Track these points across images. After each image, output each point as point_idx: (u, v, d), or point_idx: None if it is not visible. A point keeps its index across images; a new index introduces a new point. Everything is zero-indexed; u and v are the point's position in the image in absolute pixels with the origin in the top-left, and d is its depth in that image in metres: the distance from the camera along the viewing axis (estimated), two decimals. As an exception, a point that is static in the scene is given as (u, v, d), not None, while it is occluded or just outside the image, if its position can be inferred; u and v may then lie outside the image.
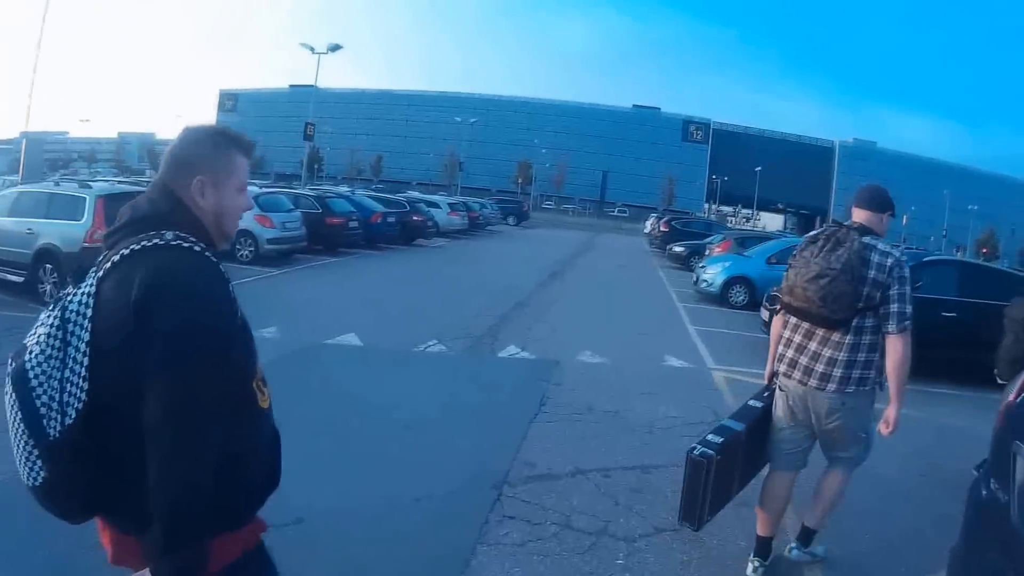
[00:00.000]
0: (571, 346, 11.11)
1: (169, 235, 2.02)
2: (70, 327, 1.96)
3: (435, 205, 35.80)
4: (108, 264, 2.02)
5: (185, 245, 2.02)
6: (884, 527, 5.92)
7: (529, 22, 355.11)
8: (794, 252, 4.84)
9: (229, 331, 2.07)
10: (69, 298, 2.00)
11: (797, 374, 4.69)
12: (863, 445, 4.87)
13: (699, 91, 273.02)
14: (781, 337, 4.91)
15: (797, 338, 4.75)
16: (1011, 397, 3.80)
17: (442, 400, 8.22)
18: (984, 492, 3.66)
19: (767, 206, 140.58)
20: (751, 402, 5.19)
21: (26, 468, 1.94)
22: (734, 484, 5.05)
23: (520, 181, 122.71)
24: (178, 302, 1.92)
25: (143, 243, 2.00)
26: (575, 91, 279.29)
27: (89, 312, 1.97)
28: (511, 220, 59.33)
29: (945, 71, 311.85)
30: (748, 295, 19.10)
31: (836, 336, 4.55)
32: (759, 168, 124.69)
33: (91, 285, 2.01)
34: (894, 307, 4.49)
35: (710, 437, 4.79)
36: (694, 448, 4.71)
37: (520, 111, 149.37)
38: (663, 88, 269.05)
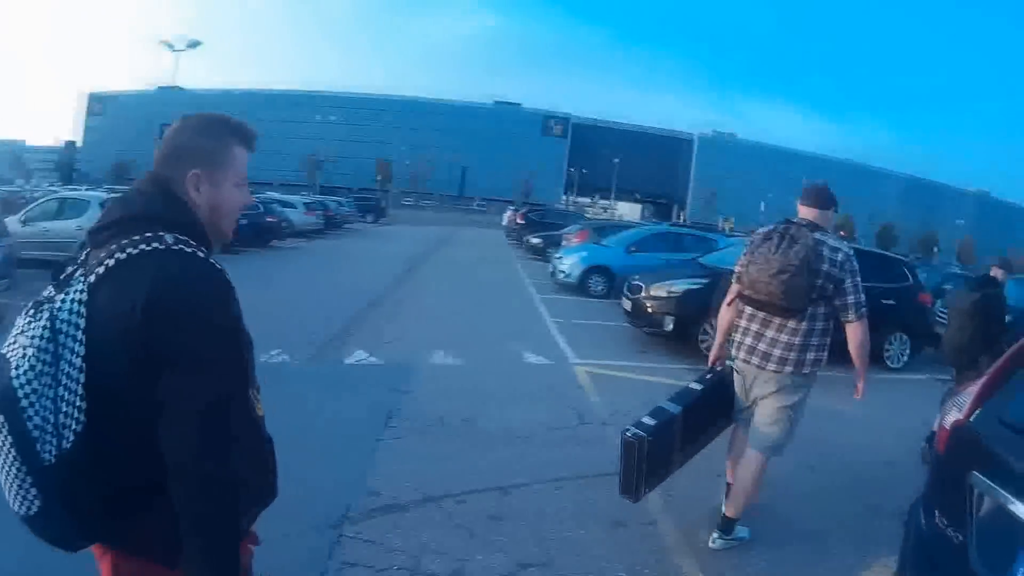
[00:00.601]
0: (423, 348, 10.34)
1: (169, 238, 1.88)
2: (62, 339, 1.79)
3: (290, 205, 34.48)
4: (101, 269, 1.85)
5: (188, 251, 1.89)
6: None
7: (394, 19, 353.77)
8: (748, 249, 5.17)
9: (242, 342, 2.01)
10: (58, 305, 1.82)
11: (755, 359, 5.07)
12: (790, 430, 5.14)
13: (563, 87, 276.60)
14: (735, 326, 5.29)
15: (754, 326, 5.12)
16: (960, 416, 3.45)
17: (279, 420, 7.11)
18: (925, 525, 3.43)
19: (625, 196, 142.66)
20: (691, 385, 5.50)
21: (18, 497, 1.77)
22: (673, 461, 5.28)
23: (380, 179, 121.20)
24: (195, 316, 1.83)
25: (141, 247, 1.86)
26: (440, 88, 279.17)
27: (82, 323, 1.81)
28: (369, 218, 58.42)
29: (808, 64, 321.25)
30: (607, 284, 18.76)
31: (792, 324, 4.93)
32: (617, 159, 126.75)
33: (82, 292, 1.84)
34: (850, 298, 4.93)
35: (644, 419, 5.07)
36: (628, 429, 5.00)
37: (382, 109, 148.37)
38: (528, 85, 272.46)
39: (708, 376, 5.53)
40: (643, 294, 12.67)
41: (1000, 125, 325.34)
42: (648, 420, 5.08)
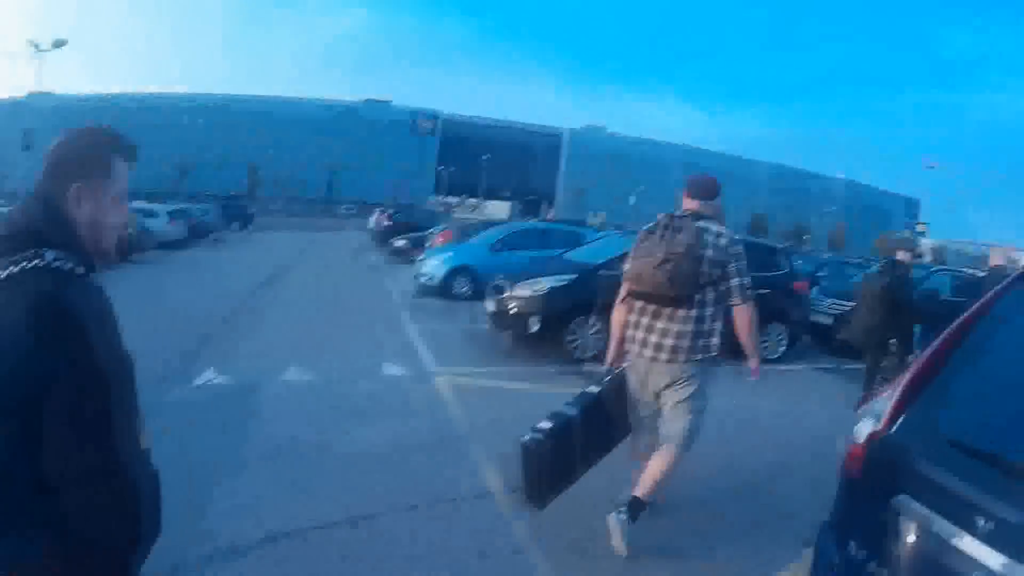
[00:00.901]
0: (277, 364, 9.69)
1: (50, 255, 1.87)
2: None
3: (152, 214, 32.54)
4: None
5: (65, 269, 1.89)
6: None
7: (264, 18, 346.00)
8: (634, 244, 5.23)
9: (120, 360, 2.02)
10: None
11: (648, 351, 5.07)
12: (697, 420, 5.16)
13: (435, 84, 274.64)
14: (627, 323, 5.27)
15: (645, 320, 5.12)
16: (878, 426, 3.12)
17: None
18: (838, 557, 3.12)
19: (494, 194, 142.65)
20: (590, 388, 5.47)
21: None
22: (576, 464, 5.27)
23: (249, 184, 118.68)
24: (65, 336, 1.81)
25: (23, 264, 1.84)
26: (313, 89, 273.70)
27: None
28: (235, 225, 56.20)
29: (680, 56, 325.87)
30: (472, 286, 18.32)
31: (681, 312, 4.96)
32: (486, 157, 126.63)
33: None
34: (735, 282, 5.01)
35: (542, 424, 5.11)
36: (525, 435, 5.07)
37: (252, 111, 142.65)
38: (399, 83, 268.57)
39: (607, 378, 5.48)
40: (507, 295, 12.16)
41: (864, 114, 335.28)
42: (545, 424, 5.11)
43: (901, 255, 9.28)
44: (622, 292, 5.33)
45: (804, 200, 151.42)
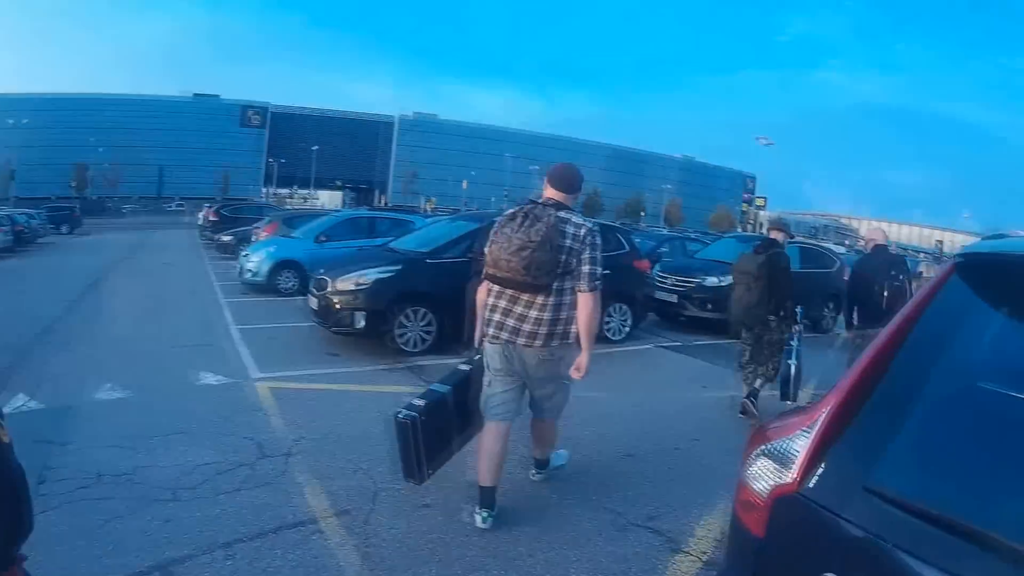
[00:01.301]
0: (90, 382, 8.84)
1: None
2: None
3: None
4: None
5: None
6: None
7: (88, 15, 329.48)
8: (494, 229, 5.27)
9: None
10: None
11: (505, 334, 5.23)
12: (564, 392, 5.64)
13: (264, 76, 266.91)
14: (487, 304, 5.38)
15: (503, 303, 5.27)
16: (788, 479, 2.46)
17: None
18: None
19: (326, 184, 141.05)
20: (460, 366, 5.83)
21: None
22: (452, 440, 5.57)
23: (76, 185, 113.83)
24: None
25: None
26: (138, 86, 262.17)
27: None
28: (64, 228, 53.32)
29: (513, 42, 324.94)
30: (298, 280, 17.65)
31: (540, 299, 5.13)
32: (316, 147, 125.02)
33: None
34: (585, 268, 5.17)
35: (415, 401, 5.35)
36: (399, 412, 5.27)
37: (78, 109, 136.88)
38: (229, 77, 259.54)
39: (476, 356, 5.68)
40: (329, 289, 11.60)
41: (701, 95, 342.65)
42: (418, 401, 5.33)
43: (775, 234, 9.55)
44: (484, 275, 5.40)
45: (640, 179, 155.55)
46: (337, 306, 11.37)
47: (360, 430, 7.28)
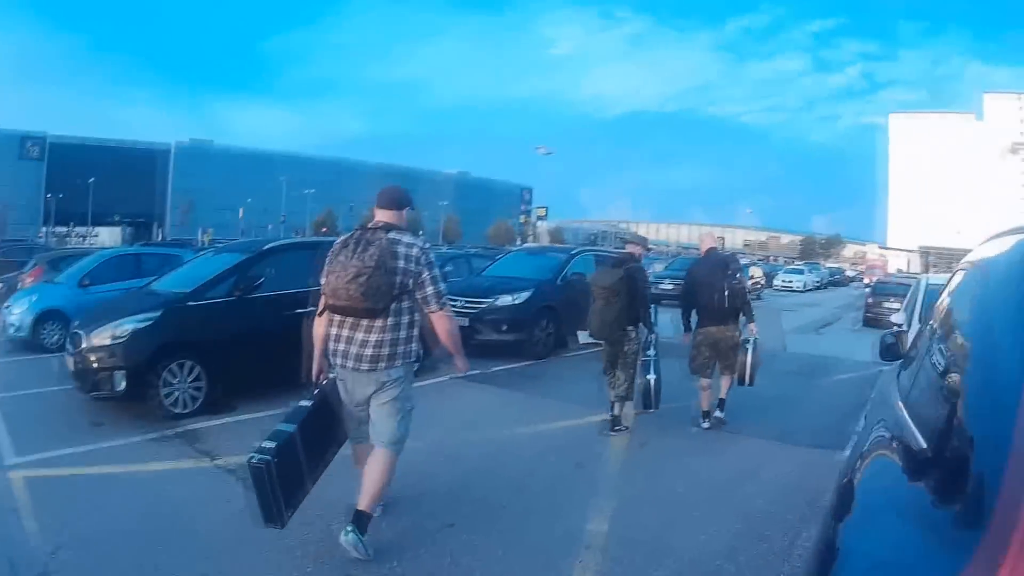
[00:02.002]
0: None
1: None
2: None
3: None
4: None
5: None
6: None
7: None
8: (328, 257, 5.27)
9: None
10: None
11: (350, 363, 5.23)
12: (406, 420, 5.48)
13: (45, 104, 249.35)
14: (330, 336, 5.36)
15: (345, 332, 5.26)
16: None
17: None
18: None
19: (104, 220, 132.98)
20: (301, 403, 5.49)
21: None
22: (305, 478, 5.35)
23: None
24: None
25: None
26: None
27: None
28: None
29: (282, 64, 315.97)
30: (62, 332, 14.27)
31: (378, 323, 5.14)
32: (92, 180, 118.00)
33: None
34: (429, 289, 5.27)
35: (264, 443, 5.08)
36: (252, 456, 5.01)
37: None
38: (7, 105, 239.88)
39: (315, 391, 5.56)
40: (84, 346, 9.40)
41: (475, 109, 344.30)
42: (268, 443, 5.07)
43: (632, 248, 9.91)
44: (320, 304, 5.36)
45: (415, 197, 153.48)
46: (94, 365, 9.26)
47: (130, 527, 5.87)
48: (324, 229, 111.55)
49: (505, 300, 14.78)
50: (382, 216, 5.45)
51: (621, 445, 8.84)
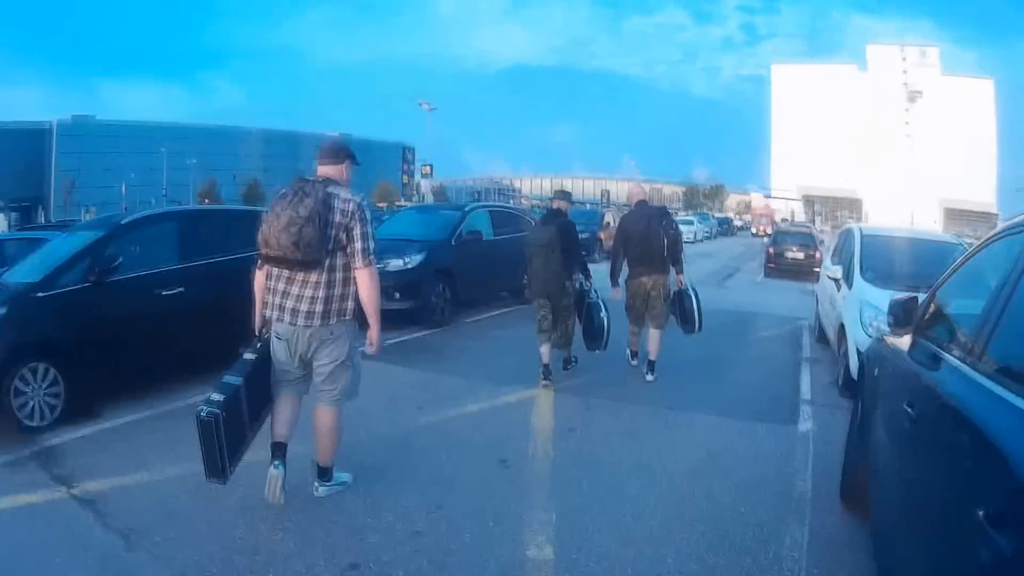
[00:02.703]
0: None
1: None
2: None
3: None
4: None
5: None
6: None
7: None
8: (268, 208, 5.22)
9: None
10: None
11: (287, 316, 5.20)
12: (351, 375, 5.52)
13: None
14: (267, 288, 5.31)
15: (280, 285, 5.22)
16: None
17: None
18: None
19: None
20: (245, 355, 5.43)
21: None
22: (246, 431, 5.32)
23: None
24: None
25: None
26: None
27: None
28: None
29: (158, 34, 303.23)
30: None
31: (313, 277, 5.12)
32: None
33: None
34: (359, 245, 5.19)
35: (213, 396, 5.06)
36: (201, 409, 4.98)
37: None
38: None
39: (258, 344, 5.49)
40: None
41: (355, 70, 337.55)
42: (216, 396, 5.03)
43: (558, 204, 9.84)
44: (261, 257, 5.23)
45: (298, 161, 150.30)
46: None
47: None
48: (206, 200, 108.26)
49: (395, 264, 13.08)
50: (323, 170, 5.40)
51: (546, 430, 7.73)
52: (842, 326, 9.94)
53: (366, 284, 5.23)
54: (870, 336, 8.62)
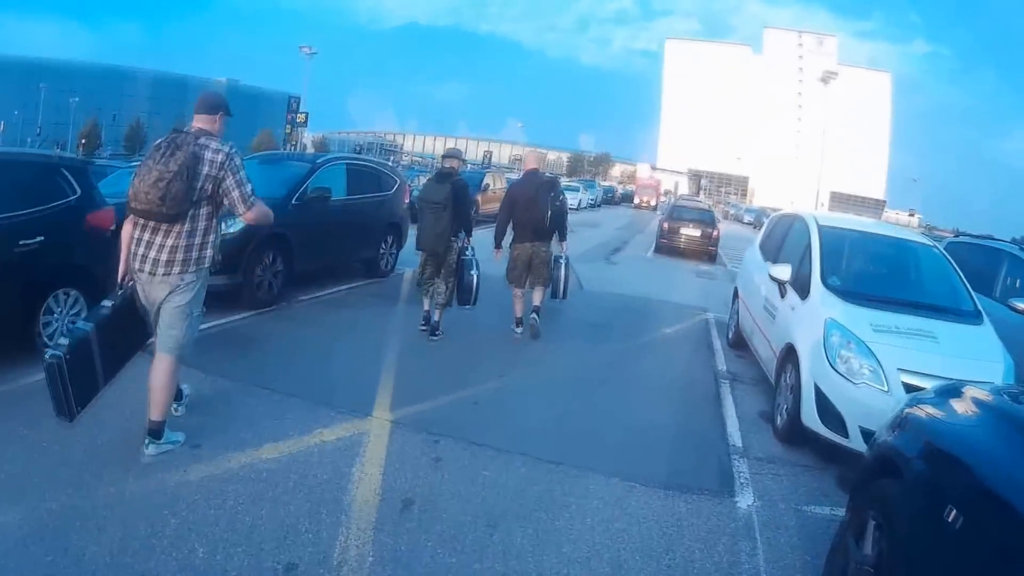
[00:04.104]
0: None
1: None
2: None
3: None
4: None
5: None
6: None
7: None
8: (141, 161, 5.12)
9: None
10: None
11: (147, 266, 5.06)
12: (190, 324, 5.30)
13: None
14: (133, 239, 5.14)
15: (145, 236, 5.07)
16: None
17: None
18: None
19: None
20: (104, 303, 5.35)
21: None
22: (99, 375, 5.25)
23: None
24: None
25: None
26: None
27: None
28: None
29: None
30: None
31: (176, 228, 5.02)
32: None
33: None
34: (235, 194, 5.18)
35: (60, 340, 5.17)
36: (46, 352, 5.01)
37: None
38: None
39: (120, 292, 5.35)
40: None
41: (244, 17, 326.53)
42: (63, 340, 5.07)
43: (451, 163, 9.70)
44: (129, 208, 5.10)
45: (185, 105, 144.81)
46: None
47: None
48: (84, 142, 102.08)
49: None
50: (197, 122, 5.25)
51: (369, 505, 4.92)
52: (790, 348, 7.33)
53: (258, 220, 5.49)
54: (838, 372, 6.33)
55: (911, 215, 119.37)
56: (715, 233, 26.84)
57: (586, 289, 14.87)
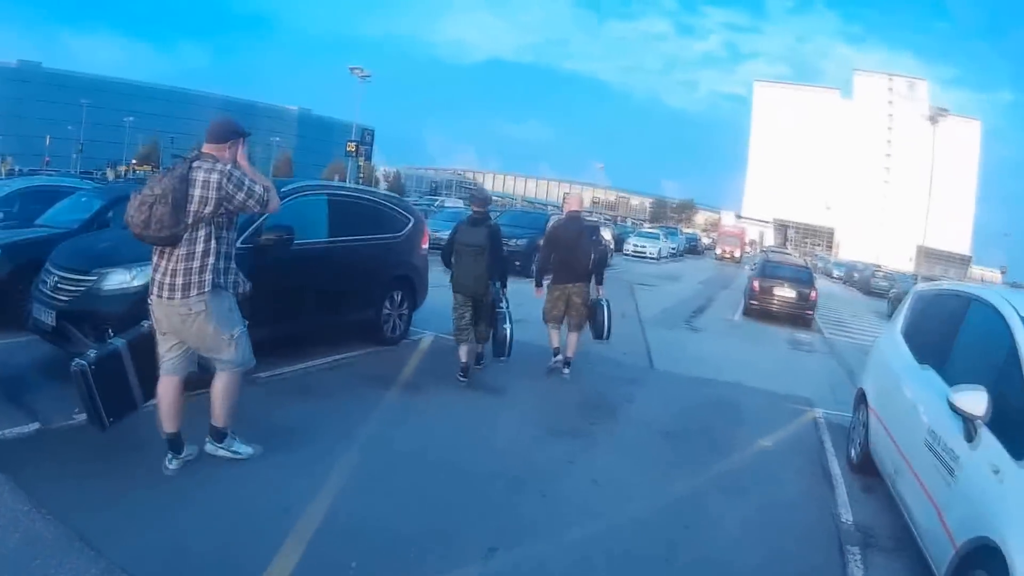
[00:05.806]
0: None
1: None
2: None
3: None
4: None
5: None
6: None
7: None
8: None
9: None
10: None
11: (154, 289, 5.19)
12: (236, 346, 5.39)
13: None
14: (152, 264, 5.28)
15: (154, 259, 5.20)
16: None
17: None
18: None
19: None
20: (143, 323, 5.47)
21: None
22: (133, 391, 5.39)
23: None
24: None
25: None
26: None
27: None
28: None
29: None
30: None
31: (177, 252, 5.06)
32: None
33: None
34: (250, 203, 5.25)
35: (90, 352, 5.25)
36: (74, 360, 5.14)
37: None
38: None
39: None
40: None
41: (319, 46, 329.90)
42: (91, 352, 5.22)
43: (481, 208, 9.53)
44: None
45: (253, 130, 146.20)
46: None
47: None
48: (147, 166, 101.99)
49: (116, 279, 7.32)
50: (206, 148, 5.27)
51: None
52: (985, 545, 3.91)
53: (273, 206, 5.51)
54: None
55: (1003, 272, 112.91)
56: (813, 295, 23.09)
57: (660, 370, 11.92)
